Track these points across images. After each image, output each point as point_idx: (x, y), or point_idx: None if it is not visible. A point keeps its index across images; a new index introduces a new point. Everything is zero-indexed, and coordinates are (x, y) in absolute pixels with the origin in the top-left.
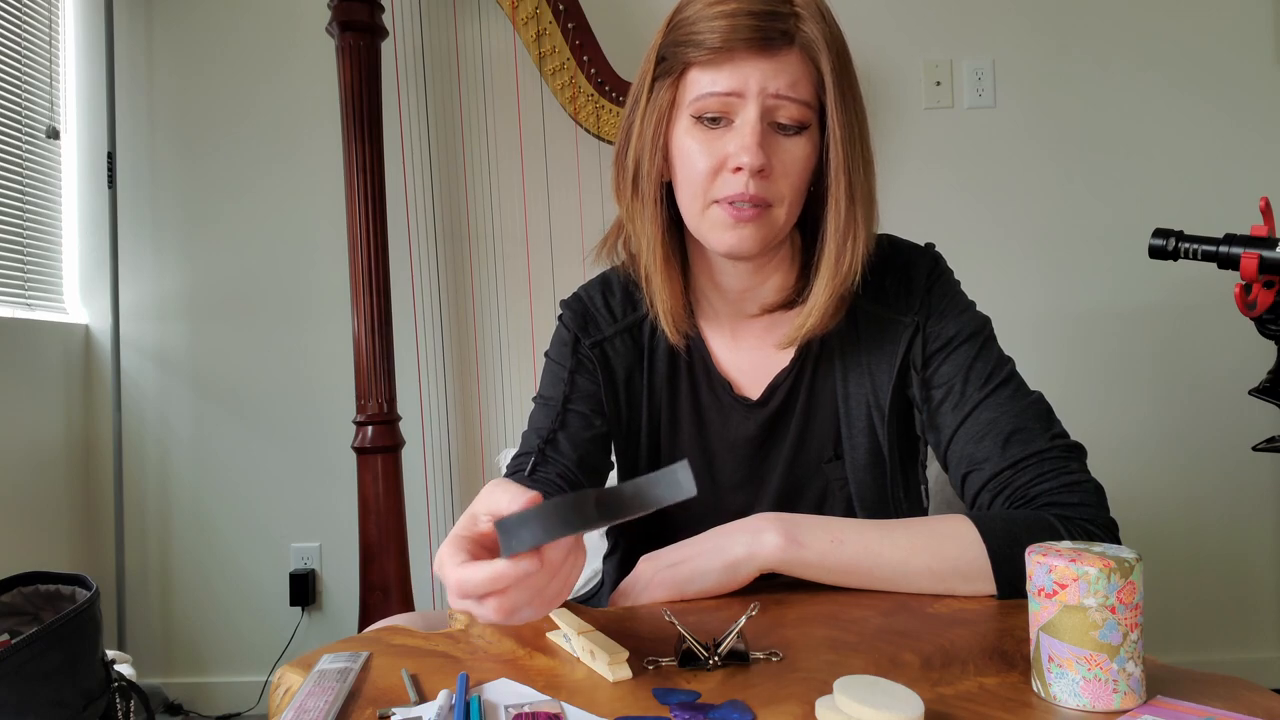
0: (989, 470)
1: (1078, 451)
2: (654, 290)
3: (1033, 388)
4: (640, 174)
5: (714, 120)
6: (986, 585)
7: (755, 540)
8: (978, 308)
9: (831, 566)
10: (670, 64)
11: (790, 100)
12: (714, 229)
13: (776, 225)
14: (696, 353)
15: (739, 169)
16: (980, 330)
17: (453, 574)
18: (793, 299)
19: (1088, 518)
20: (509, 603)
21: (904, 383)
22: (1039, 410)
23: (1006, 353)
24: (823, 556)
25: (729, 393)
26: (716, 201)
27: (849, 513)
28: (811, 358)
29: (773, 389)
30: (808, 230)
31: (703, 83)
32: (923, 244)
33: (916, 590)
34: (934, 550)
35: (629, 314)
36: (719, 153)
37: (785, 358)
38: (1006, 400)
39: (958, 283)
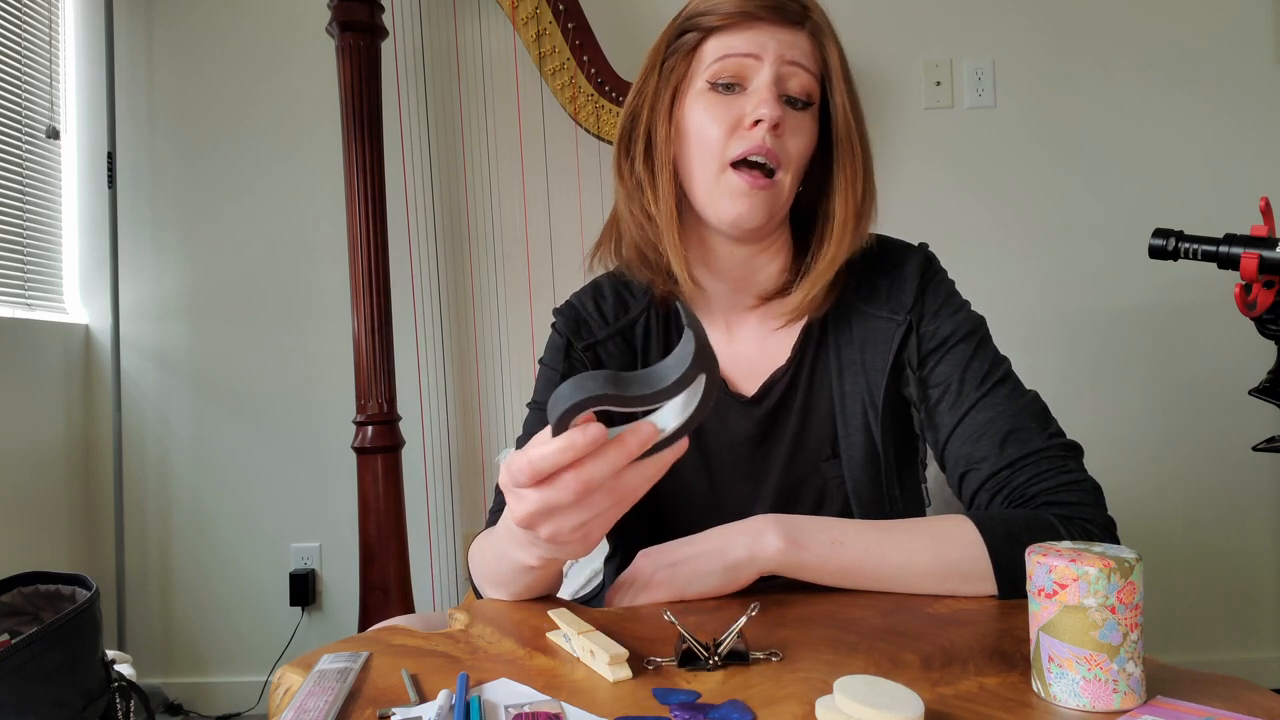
0: (986, 470)
1: (1075, 450)
2: (668, 248)
3: (1033, 387)
4: (654, 141)
5: (728, 87)
6: (987, 585)
7: (756, 542)
8: (973, 307)
9: (833, 569)
10: (686, 39)
11: (802, 69)
12: (725, 196)
13: (782, 195)
14: None
15: (757, 123)
16: (976, 330)
17: (519, 458)
18: (787, 285)
19: (1086, 517)
20: (587, 475)
21: (897, 381)
22: (1036, 410)
23: (1005, 352)
24: (824, 559)
25: (724, 390)
26: (734, 166)
27: (846, 511)
28: (808, 356)
29: (769, 386)
30: (797, 222)
31: (720, 47)
32: (916, 243)
33: (917, 591)
34: (935, 551)
35: (621, 317)
36: (734, 114)
37: (781, 356)
38: (1003, 400)
39: (952, 282)
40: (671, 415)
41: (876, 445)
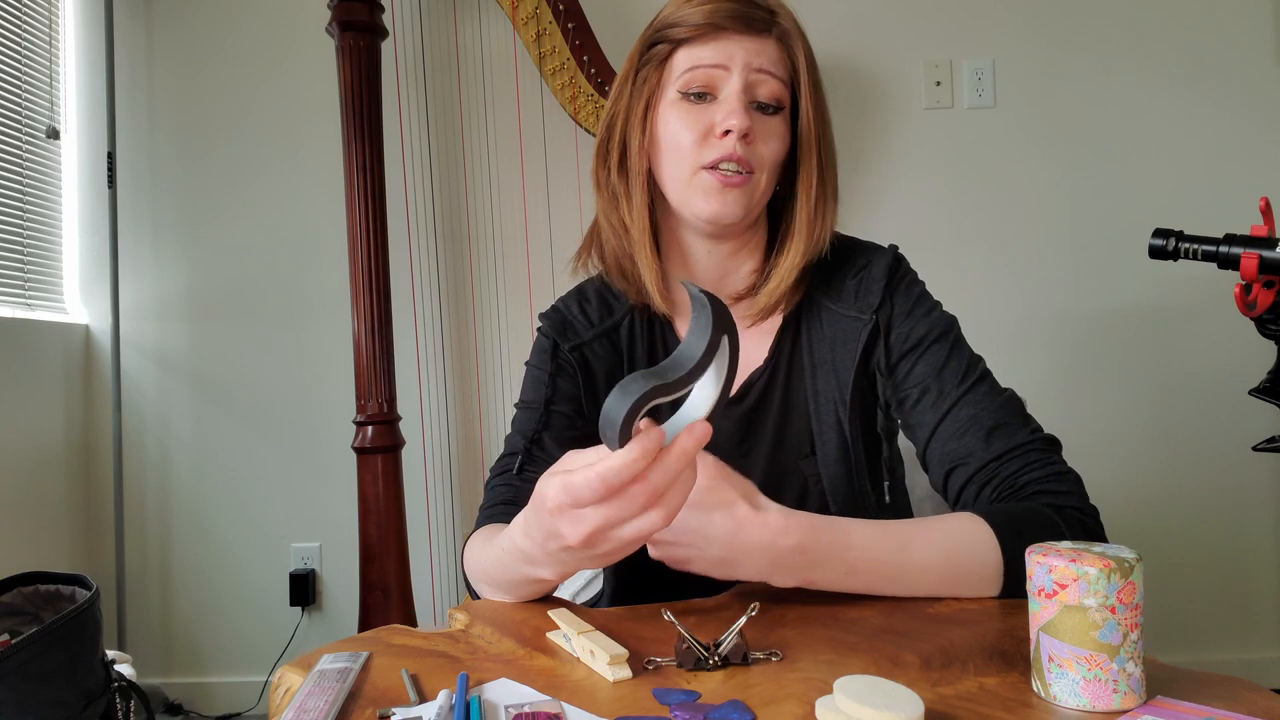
0: (975, 464)
1: (1056, 444)
2: (640, 264)
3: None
4: (628, 151)
5: (699, 97)
6: (993, 590)
7: (769, 574)
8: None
9: (844, 590)
10: (657, 50)
11: (770, 76)
12: (699, 194)
13: (757, 193)
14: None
15: (727, 133)
16: (950, 330)
17: (585, 475)
18: (756, 285)
19: (1076, 505)
20: (654, 484)
21: (865, 379)
22: (1015, 406)
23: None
24: (834, 585)
25: None
26: (705, 168)
27: (823, 507)
28: (784, 356)
29: (748, 386)
30: (772, 222)
31: (689, 58)
32: (886, 245)
33: (923, 596)
34: (948, 565)
35: (605, 319)
36: (705, 123)
37: (759, 356)
38: (983, 397)
39: (922, 283)
40: (705, 394)
41: (848, 443)
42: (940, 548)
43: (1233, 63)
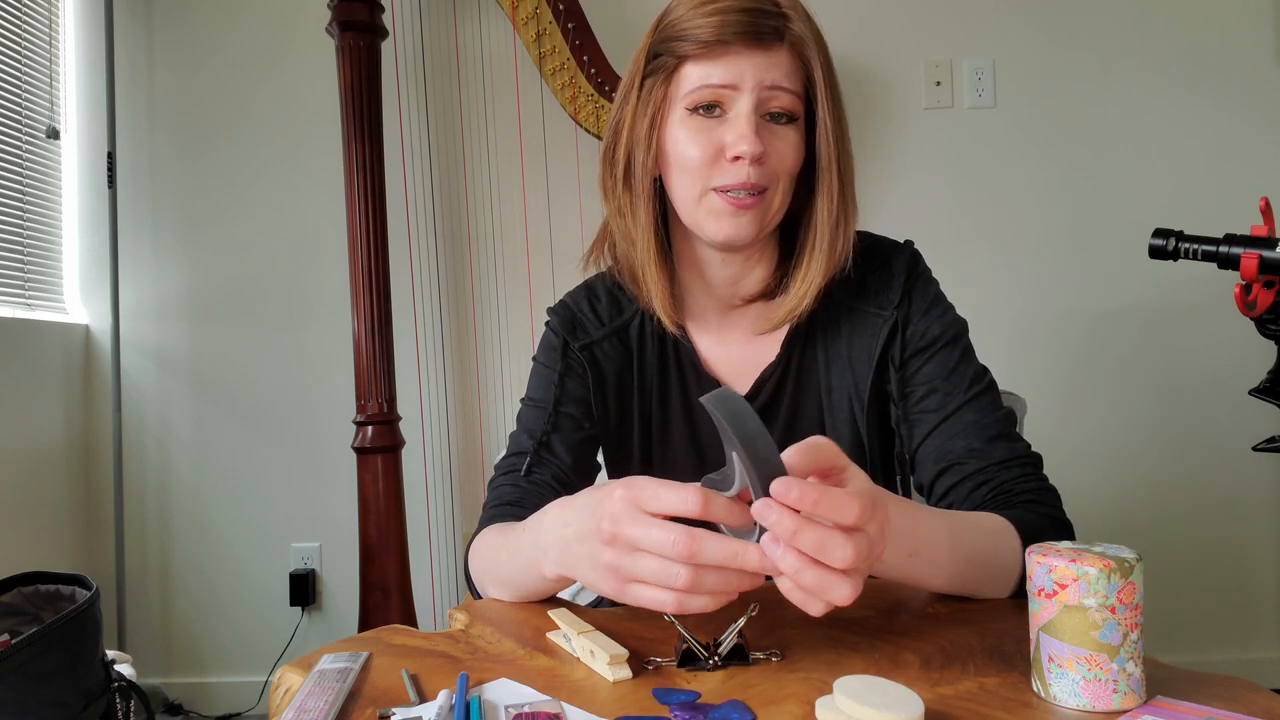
0: (974, 465)
1: (1041, 461)
2: (648, 281)
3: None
4: (633, 167)
5: (708, 110)
6: (1008, 592)
7: None
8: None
9: (895, 574)
10: (663, 61)
11: (783, 90)
12: (710, 217)
13: (770, 211)
14: (684, 351)
15: (738, 158)
16: (962, 335)
17: (652, 483)
18: (773, 288)
19: (1066, 520)
20: (695, 547)
21: (882, 375)
22: (1012, 421)
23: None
24: (895, 567)
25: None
26: (715, 190)
27: None
28: (796, 351)
29: (760, 384)
30: (785, 222)
31: (698, 76)
32: (902, 240)
33: (949, 591)
34: (984, 562)
35: (616, 318)
36: (715, 142)
37: (771, 352)
38: (986, 407)
39: (937, 282)
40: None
41: (862, 438)
42: (982, 543)
43: (1233, 63)
